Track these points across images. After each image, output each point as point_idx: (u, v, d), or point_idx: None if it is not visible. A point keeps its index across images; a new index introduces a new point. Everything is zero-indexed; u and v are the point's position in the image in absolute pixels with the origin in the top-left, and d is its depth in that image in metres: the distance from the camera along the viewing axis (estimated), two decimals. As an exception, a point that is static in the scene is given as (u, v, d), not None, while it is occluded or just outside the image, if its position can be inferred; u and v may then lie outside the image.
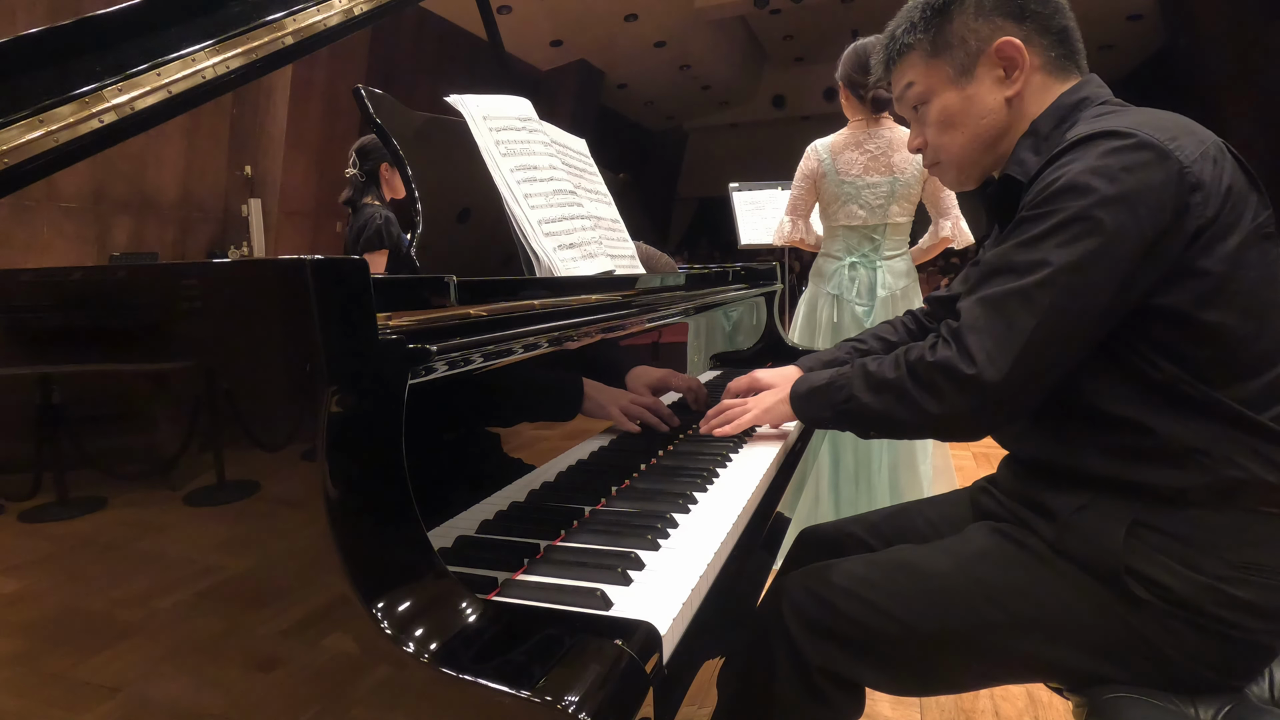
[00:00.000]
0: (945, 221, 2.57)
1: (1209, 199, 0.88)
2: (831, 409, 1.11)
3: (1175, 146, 0.88)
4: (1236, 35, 8.15)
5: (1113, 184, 0.87)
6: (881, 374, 1.03)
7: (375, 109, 1.09)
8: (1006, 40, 1.05)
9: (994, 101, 1.08)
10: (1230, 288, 0.89)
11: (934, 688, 1.10)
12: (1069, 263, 0.88)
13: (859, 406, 1.06)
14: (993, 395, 0.92)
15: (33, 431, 0.66)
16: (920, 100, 1.14)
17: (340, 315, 0.57)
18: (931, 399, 0.96)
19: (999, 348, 0.91)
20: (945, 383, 0.95)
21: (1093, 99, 1.04)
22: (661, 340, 1.44)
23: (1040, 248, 0.91)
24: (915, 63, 1.13)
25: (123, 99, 0.91)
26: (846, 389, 1.08)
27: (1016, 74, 1.06)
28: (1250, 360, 0.90)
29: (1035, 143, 1.04)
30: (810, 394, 1.16)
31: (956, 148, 1.13)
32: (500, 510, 0.89)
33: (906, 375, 0.99)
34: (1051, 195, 0.91)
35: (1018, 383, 0.91)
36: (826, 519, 2.03)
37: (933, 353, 0.97)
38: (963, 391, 0.93)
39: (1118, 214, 0.87)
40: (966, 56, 1.08)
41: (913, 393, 0.98)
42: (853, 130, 2.54)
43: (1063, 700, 1.23)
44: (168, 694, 0.64)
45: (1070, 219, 0.89)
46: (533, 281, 1.05)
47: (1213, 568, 0.89)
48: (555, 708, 0.51)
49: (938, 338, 0.99)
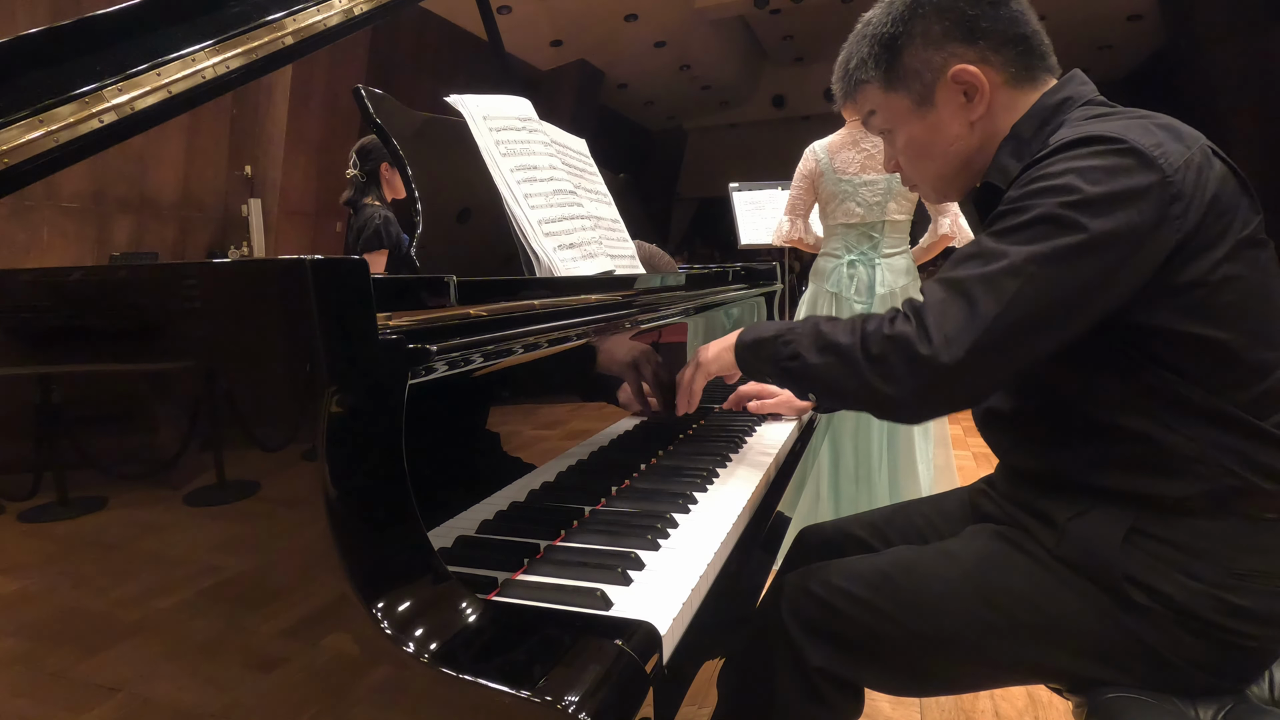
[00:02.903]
0: (944, 219, 2.58)
1: (1189, 210, 0.86)
2: (774, 364, 1.06)
3: (1160, 154, 0.86)
4: (1236, 35, 8.15)
5: (1095, 186, 0.85)
6: (834, 337, 0.98)
7: (375, 109, 1.09)
8: (960, 68, 1.01)
9: (959, 127, 1.05)
10: (1218, 299, 0.87)
11: (933, 688, 1.10)
12: (1040, 254, 0.86)
13: (803, 366, 1.01)
14: (943, 378, 0.88)
15: (33, 431, 0.66)
16: (885, 128, 1.13)
17: (340, 315, 0.57)
18: (878, 373, 0.92)
19: (958, 331, 0.87)
20: (897, 359, 0.90)
21: (1076, 98, 1.01)
22: (661, 340, 1.44)
23: (1013, 238, 0.88)
24: (873, 95, 1.11)
25: (123, 99, 0.91)
26: (793, 346, 1.03)
27: (978, 98, 1.03)
28: (1246, 369, 0.89)
29: (1017, 146, 1.02)
30: (755, 344, 1.11)
31: (932, 174, 1.12)
32: (500, 510, 0.89)
33: (859, 344, 0.94)
34: (1031, 192, 0.89)
35: (971, 370, 0.88)
36: (826, 518, 2.03)
37: (890, 326, 0.93)
38: (913, 371, 0.89)
39: (1096, 215, 0.85)
40: (923, 87, 1.05)
41: (861, 362, 0.94)
42: (850, 130, 2.56)
43: (1063, 700, 1.23)
44: (168, 694, 0.64)
45: (1047, 215, 0.87)
46: (533, 281, 1.05)
47: (1211, 575, 0.89)
48: (555, 708, 0.51)
49: (898, 312, 0.95)
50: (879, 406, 0.97)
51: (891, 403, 0.94)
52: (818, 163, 2.58)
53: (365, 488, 0.59)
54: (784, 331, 1.05)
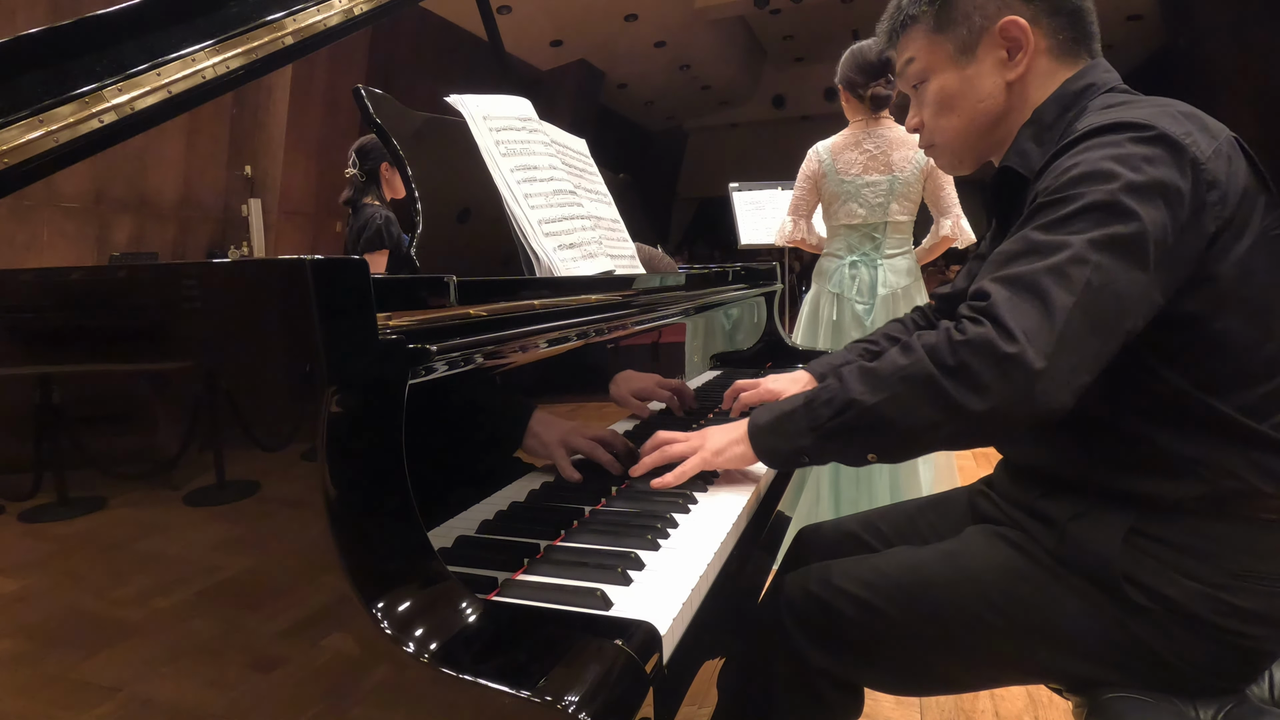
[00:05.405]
0: (946, 220, 2.58)
1: (1226, 198, 0.85)
2: (815, 433, 0.91)
3: (1190, 142, 0.85)
4: (1237, 35, 8.15)
5: (1136, 173, 0.83)
6: (889, 367, 0.86)
7: (375, 109, 1.09)
8: (1011, 20, 1.00)
9: (994, 85, 1.04)
10: (1241, 292, 0.87)
11: (932, 689, 1.10)
12: (1099, 240, 0.81)
13: (859, 415, 0.87)
14: (1035, 379, 0.78)
15: (33, 431, 0.66)
16: (919, 78, 1.11)
17: (340, 315, 0.57)
18: (965, 386, 0.80)
19: (1039, 326, 0.79)
20: (981, 364, 0.79)
21: (1099, 85, 1.00)
22: (661, 340, 1.44)
23: (1067, 228, 0.83)
24: (917, 37, 1.09)
25: (123, 99, 0.91)
26: (837, 400, 0.89)
27: (1020, 56, 1.02)
28: (1255, 367, 0.88)
29: (1037, 132, 1.01)
30: (779, 422, 0.96)
31: (952, 131, 1.10)
32: (500, 510, 0.89)
33: (927, 361, 0.83)
34: (1072, 180, 0.85)
35: (1060, 368, 0.79)
36: (826, 518, 2.03)
37: (960, 332, 0.82)
38: (1004, 375, 0.78)
39: (1144, 201, 0.82)
40: (970, 34, 1.03)
41: (940, 380, 0.81)
42: (853, 130, 2.58)
43: (1062, 700, 1.23)
44: (168, 694, 0.64)
45: (1098, 203, 0.82)
46: (533, 281, 1.05)
47: (1211, 576, 0.89)
48: (555, 708, 0.51)
49: (960, 318, 0.84)
50: (968, 429, 0.84)
51: (983, 420, 0.81)
52: (820, 163, 2.60)
53: (365, 487, 0.59)
54: (817, 393, 0.93)
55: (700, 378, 1.70)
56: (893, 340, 1.43)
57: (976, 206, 1.65)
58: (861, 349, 1.42)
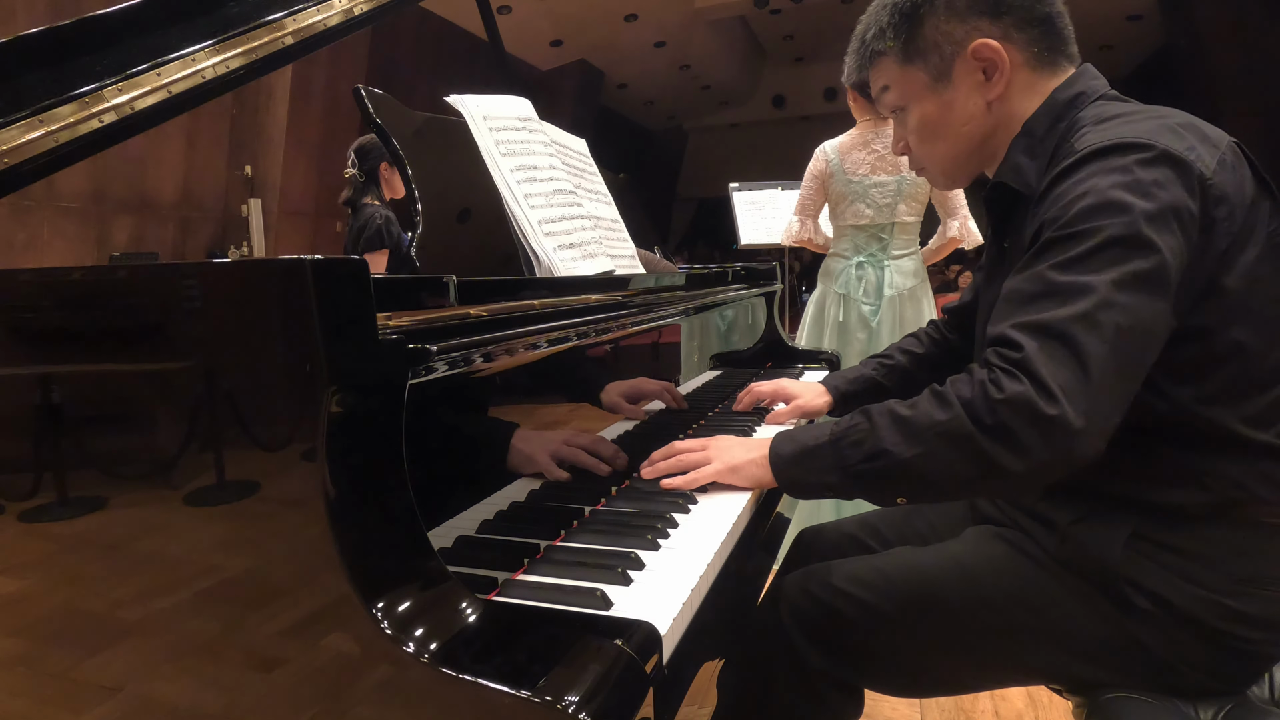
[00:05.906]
0: (953, 221, 2.58)
1: (1234, 213, 0.84)
2: (843, 472, 0.89)
3: (1195, 157, 0.83)
4: (1237, 35, 8.15)
5: (1148, 200, 0.81)
6: (926, 418, 0.84)
7: (375, 109, 1.09)
8: (982, 43, 0.98)
9: (975, 107, 1.02)
10: (1249, 302, 0.86)
11: (933, 689, 1.10)
12: (1122, 280, 0.79)
13: (891, 465, 0.85)
14: (1074, 439, 0.77)
15: (33, 431, 0.66)
16: (898, 105, 1.09)
17: (340, 315, 0.57)
18: (1003, 448, 0.79)
19: (1076, 382, 0.77)
20: (1020, 425, 0.78)
21: (1088, 93, 0.98)
22: (661, 340, 1.44)
23: (1087, 268, 0.81)
24: (888, 68, 1.07)
25: (123, 99, 0.91)
26: (868, 444, 0.87)
27: (997, 76, 0.99)
28: (1260, 376, 0.87)
29: (1030, 144, 0.99)
30: (805, 455, 0.94)
31: (939, 156, 1.09)
32: (500, 510, 0.89)
33: (966, 418, 0.81)
34: (1083, 212, 0.83)
35: (1099, 420, 0.78)
36: (826, 519, 2.03)
37: (998, 389, 0.80)
38: (1044, 436, 0.77)
39: (1161, 230, 0.80)
40: (941, 61, 1.01)
41: (978, 439, 0.80)
42: (860, 130, 2.56)
43: (1063, 700, 1.23)
44: (168, 694, 0.64)
45: (1116, 238, 0.80)
46: (533, 281, 1.05)
47: (1213, 581, 0.88)
48: (555, 708, 0.51)
49: (994, 369, 0.82)
50: (1003, 487, 0.86)
51: (1020, 479, 0.81)
52: (828, 163, 2.59)
53: (365, 487, 0.59)
54: (845, 431, 0.90)
55: (700, 378, 1.70)
56: (907, 354, 1.44)
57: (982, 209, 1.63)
58: (876, 364, 1.44)
